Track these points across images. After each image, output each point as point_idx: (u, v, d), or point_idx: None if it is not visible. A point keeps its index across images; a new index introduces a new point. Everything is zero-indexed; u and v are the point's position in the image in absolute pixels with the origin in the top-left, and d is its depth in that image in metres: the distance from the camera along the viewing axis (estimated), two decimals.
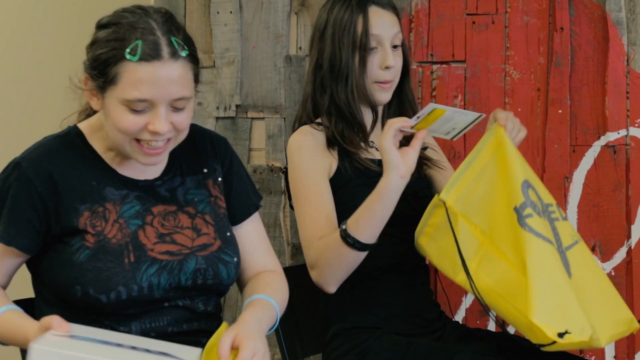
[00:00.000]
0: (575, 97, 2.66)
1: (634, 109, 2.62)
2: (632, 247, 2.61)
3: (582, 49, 2.66)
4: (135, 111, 1.82)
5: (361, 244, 2.24)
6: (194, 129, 2.06)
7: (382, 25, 2.39)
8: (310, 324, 2.49)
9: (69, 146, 1.95)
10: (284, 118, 2.91)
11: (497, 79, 2.72)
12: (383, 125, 2.46)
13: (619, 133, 2.63)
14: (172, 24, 1.87)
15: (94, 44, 1.86)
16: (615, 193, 2.63)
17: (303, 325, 2.51)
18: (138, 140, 1.86)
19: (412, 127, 2.15)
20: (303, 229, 2.37)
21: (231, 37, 2.95)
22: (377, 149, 2.45)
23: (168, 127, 1.84)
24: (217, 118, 2.98)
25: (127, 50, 1.80)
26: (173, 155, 2.02)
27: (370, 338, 2.32)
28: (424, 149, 2.51)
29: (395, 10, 2.44)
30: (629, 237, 2.62)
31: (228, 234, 2.04)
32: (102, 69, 1.82)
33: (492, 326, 2.71)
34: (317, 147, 2.39)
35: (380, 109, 2.45)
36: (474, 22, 2.74)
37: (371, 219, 2.22)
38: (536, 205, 2.15)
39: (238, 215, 2.10)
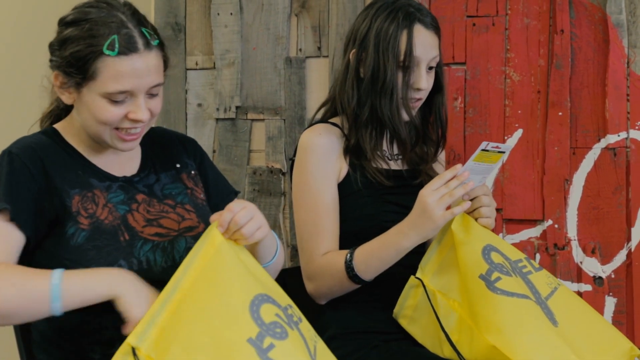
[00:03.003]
0: (576, 100, 2.66)
1: (634, 111, 2.61)
2: (632, 250, 2.61)
3: (583, 51, 2.65)
4: (115, 102, 1.89)
5: (363, 281, 2.28)
6: (161, 131, 2.17)
7: (423, 48, 2.34)
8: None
9: (51, 141, 1.98)
10: (284, 120, 2.91)
11: (498, 81, 2.72)
12: (395, 138, 2.45)
13: (619, 135, 2.62)
14: (139, 16, 1.94)
15: (64, 42, 1.90)
16: (615, 195, 2.63)
17: None
18: (117, 129, 1.93)
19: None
20: (303, 238, 2.36)
21: (231, 38, 2.95)
22: (393, 160, 2.44)
23: (148, 114, 1.92)
24: (217, 119, 2.98)
25: (105, 45, 1.86)
26: (145, 155, 2.09)
27: (366, 346, 2.31)
28: (433, 161, 2.51)
29: (437, 31, 2.39)
30: (629, 239, 2.62)
31: (209, 220, 2.06)
32: (80, 65, 1.88)
33: None
34: (330, 150, 2.37)
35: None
36: (474, 24, 2.74)
37: (381, 265, 2.27)
38: (503, 265, 2.20)
39: (219, 204, 2.13)
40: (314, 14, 2.88)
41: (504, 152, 2.18)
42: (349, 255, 2.27)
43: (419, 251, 2.41)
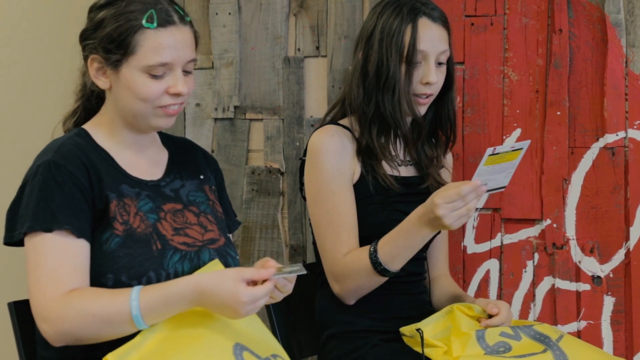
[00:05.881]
0: (574, 99, 2.66)
1: (633, 110, 2.61)
2: (631, 249, 2.61)
3: (581, 50, 2.65)
4: (155, 77, 1.93)
5: (392, 273, 2.28)
6: (188, 141, 2.21)
7: (430, 41, 2.34)
8: (307, 326, 2.49)
9: (85, 143, 2.00)
10: (283, 119, 2.91)
11: (496, 80, 2.72)
12: (408, 137, 2.45)
13: (617, 135, 2.62)
14: None
15: (100, 23, 1.95)
16: (613, 195, 2.62)
17: (300, 327, 2.51)
18: (158, 106, 1.96)
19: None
20: (325, 239, 2.34)
21: (230, 38, 2.95)
22: (403, 165, 2.44)
23: (187, 88, 1.96)
24: (216, 119, 2.98)
25: (144, 18, 1.92)
26: (171, 160, 2.11)
27: (366, 345, 2.31)
28: (440, 167, 2.51)
29: (445, 25, 2.39)
30: (627, 239, 2.61)
31: (227, 234, 2.12)
32: (120, 41, 1.92)
33: None
34: (344, 150, 2.36)
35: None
36: (472, 24, 2.74)
37: (410, 253, 2.26)
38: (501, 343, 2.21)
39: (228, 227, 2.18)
40: (313, 13, 2.88)
41: (521, 149, 2.16)
42: (372, 249, 2.26)
43: (416, 257, 2.40)
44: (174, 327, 1.80)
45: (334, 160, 2.34)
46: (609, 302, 2.63)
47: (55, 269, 1.85)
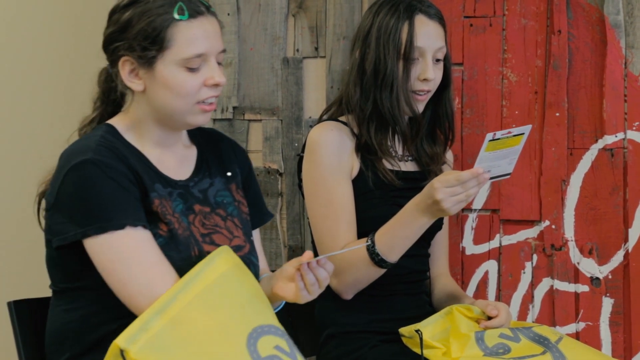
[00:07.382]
0: (573, 100, 2.66)
1: (632, 112, 2.61)
2: (630, 251, 2.61)
3: (580, 51, 2.65)
4: (191, 70, 1.92)
5: (389, 264, 2.27)
6: (216, 133, 2.19)
7: (427, 37, 2.36)
8: (306, 326, 2.49)
9: (116, 141, 1.96)
10: (281, 120, 2.91)
11: (495, 81, 2.72)
12: (407, 134, 2.45)
13: (616, 136, 2.62)
14: None
15: (128, 23, 1.92)
16: (612, 196, 2.63)
17: (299, 327, 2.50)
18: (197, 102, 1.95)
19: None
20: (322, 233, 2.34)
21: (228, 38, 2.95)
22: (403, 161, 2.45)
23: (224, 77, 1.97)
24: (214, 120, 2.98)
25: (175, 12, 1.91)
26: (200, 156, 2.08)
27: (365, 346, 2.31)
28: (441, 164, 2.52)
29: (441, 22, 2.41)
30: (626, 240, 2.62)
31: (252, 238, 2.10)
32: (154, 37, 1.91)
33: None
34: (342, 145, 2.37)
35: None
36: (471, 25, 2.74)
37: (407, 243, 2.26)
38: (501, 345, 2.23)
39: (254, 222, 2.15)
40: (311, 14, 2.88)
41: (523, 134, 2.16)
42: (369, 241, 2.26)
43: (418, 254, 2.40)
44: (183, 307, 1.77)
45: (332, 154, 2.34)
46: (607, 304, 2.63)
47: (156, 262, 1.84)
